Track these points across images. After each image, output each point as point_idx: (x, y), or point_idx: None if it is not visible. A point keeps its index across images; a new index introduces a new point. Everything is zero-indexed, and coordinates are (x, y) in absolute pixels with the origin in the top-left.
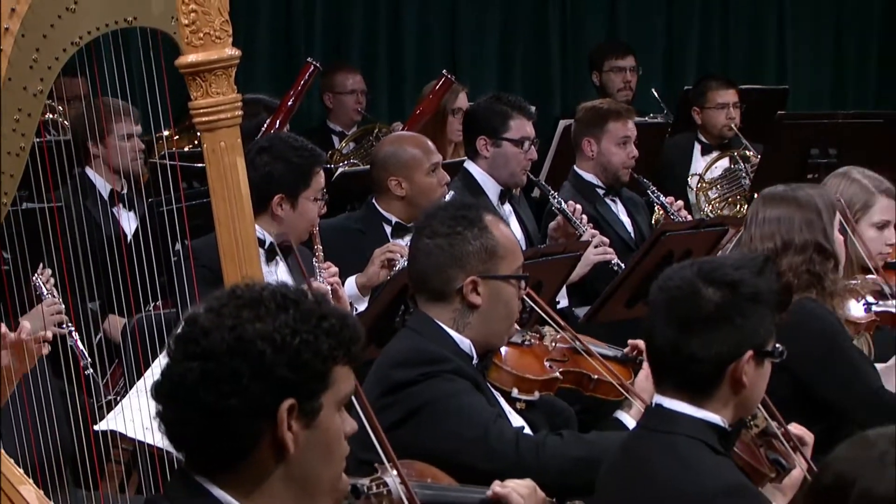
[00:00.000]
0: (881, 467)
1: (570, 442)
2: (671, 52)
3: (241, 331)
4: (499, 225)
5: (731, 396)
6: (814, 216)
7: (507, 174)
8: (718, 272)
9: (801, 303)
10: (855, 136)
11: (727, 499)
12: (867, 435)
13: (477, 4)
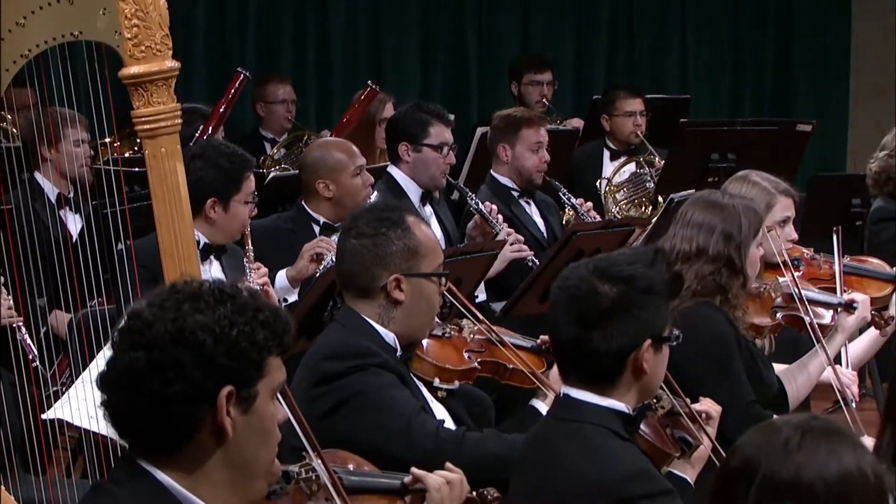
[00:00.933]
0: (785, 453)
1: (490, 439)
2: (580, 64)
3: (183, 322)
4: (420, 225)
5: (634, 383)
6: (734, 230)
7: (428, 178)
8: (613, 269)
9: (699, 308)
10: (752, 142)
11: (629, 484)
12: (774, 422)
13: (399, 20)
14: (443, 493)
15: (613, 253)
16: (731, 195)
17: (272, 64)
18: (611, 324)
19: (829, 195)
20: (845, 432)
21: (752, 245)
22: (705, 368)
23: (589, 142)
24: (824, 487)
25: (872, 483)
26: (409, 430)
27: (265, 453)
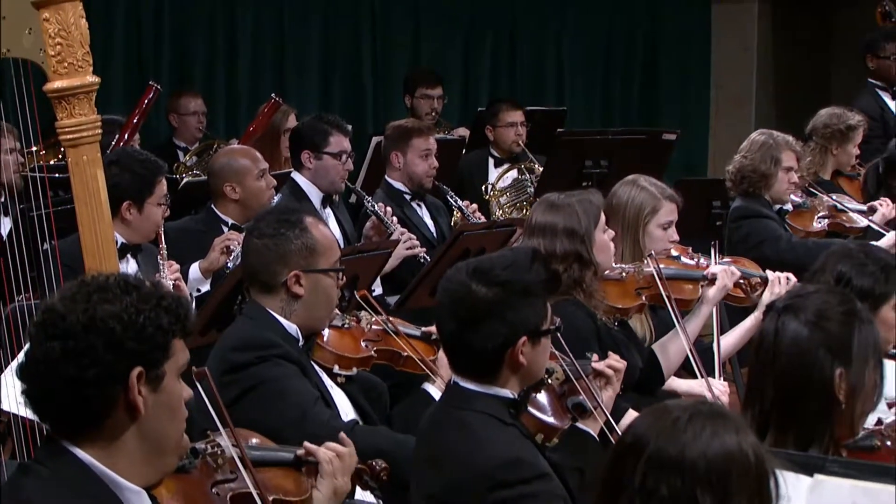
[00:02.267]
0: (673, 432)
1: (379, 434)
2: (467, 79)
3: (93, 312)
4: (318, 226)
5: (513, 374)
6: (575, 226)
7: (328, 183)
8: (490, 273)
9: (559, 306)
10: (622, 150)
11: (505, 470)
12: (667, 404)
13: (301, 38)
14: (334, 464)
15: (494, 255)
16: (565, 196)
17: (184, 79)
18: (484, 324)
19: (693, 198)
20: (730, 415)
21: (597, 233)
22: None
23: (474, 150)
24: (706, 465)
25: (752, 463)
26: (303, 419)
27: (174, 428)
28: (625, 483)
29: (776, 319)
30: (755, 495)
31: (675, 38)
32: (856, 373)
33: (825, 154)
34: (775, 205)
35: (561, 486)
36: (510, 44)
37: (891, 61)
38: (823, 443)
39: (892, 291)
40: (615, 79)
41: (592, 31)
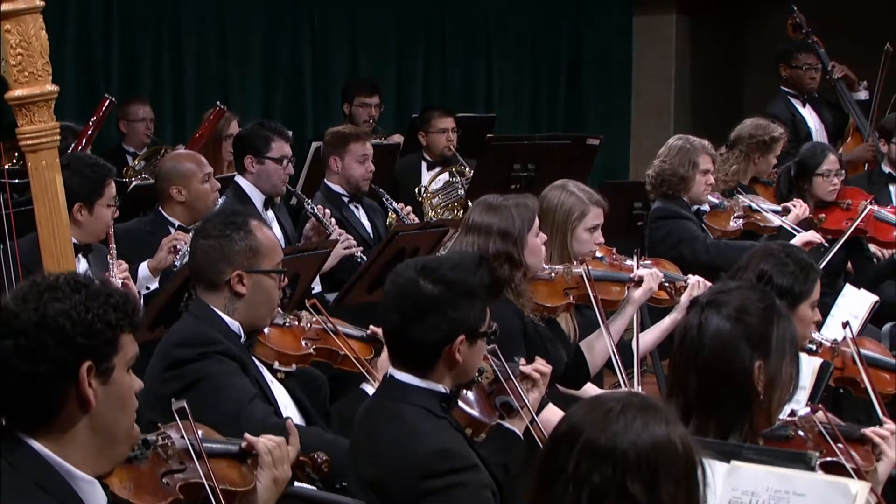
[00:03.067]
0: (605, 422)
1: (310, 434)
2: (400, 87)
3: (44, 310)
4: (262, 228)
5: (448, 371)
6: (509, 227)
7: (270, 186)
8: (438, 271)
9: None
10: (549, 154)
11: (435, 460)
12: (601, 395)
13: (244, 48)
14: (273, 455)
15: (443, 256)
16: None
17: (133, 87)
18: (427, 318)
19: (615, 199)
20: (660, 407)
21: (530, 236)
22: None
23: (408, 154)
24: (636, 454)
25: (680, 452)
26: (238, 415)
27: (124, 419)
28: (559, 470)
29: (700, 314)
30: (682, 483)
31: (598, 48)
32: (774, 365)
33: (747, 162)
34: (693, 205)
35: (489, 476)
36: (442, 55)
37: (802, 70)
38: (742, 431)
39: (810, 290)
40: (542, 87)
41: (519, 42)
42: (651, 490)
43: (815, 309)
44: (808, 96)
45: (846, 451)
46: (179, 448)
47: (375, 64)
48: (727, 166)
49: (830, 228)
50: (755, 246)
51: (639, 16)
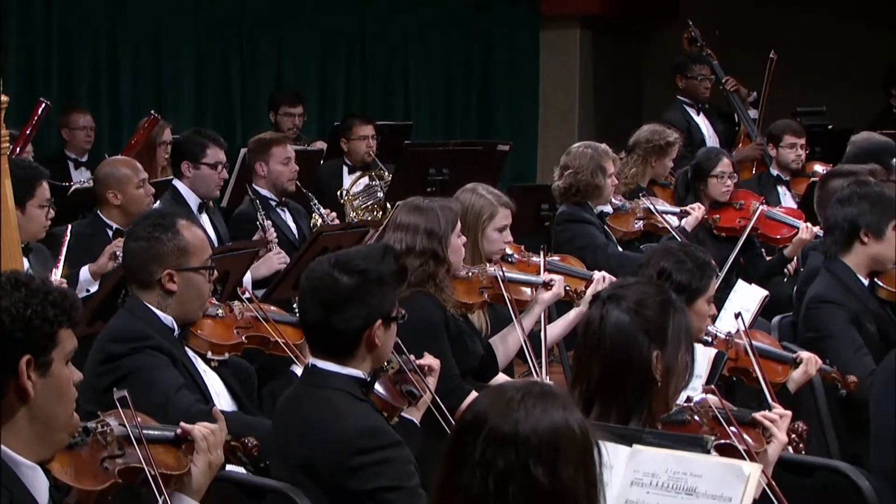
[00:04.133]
0: (507, 410)
1: (233, 420)
2: (323, 96)
3: None
4: (189, 228)
5: (368, 354)
6: (435, 227)
7: (205, 190)
8: (350, 263)
9: (413, 297)
10: (462, 159)
11: (364, 438)
12: (503, 385)
13: (176, 61)
14: (208, 440)
15: (351, 250)
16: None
17: (72, 96)
18: (348, 308)
19: (523, 201)
20: (558, 394)
21: (453, 237)
22: (420, 349)
23: (331, 160)
24: (537, 439)
25: (578, 436)
26: (166, 405)
27: (63, 409)
28: (466, 457)
29: (601, 308)
30: (581, 464)
31: (507, 60)
32: (670, 355)
33: (645, 165)
34: (597, 207)
35: (410, 453)
36: (362, 66)
37: (697, 81)
38: (642, 417)
39: (706, 286)
40: (455, 96)
41: (434, 53)
42: (552, 472)
43: (711, 303)
44: (703, 105)
45: (739, 435)
46: (118, 435)
47: (300, 76)
48: (627, 170)
49: (724, 227)
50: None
51: (545, 31)
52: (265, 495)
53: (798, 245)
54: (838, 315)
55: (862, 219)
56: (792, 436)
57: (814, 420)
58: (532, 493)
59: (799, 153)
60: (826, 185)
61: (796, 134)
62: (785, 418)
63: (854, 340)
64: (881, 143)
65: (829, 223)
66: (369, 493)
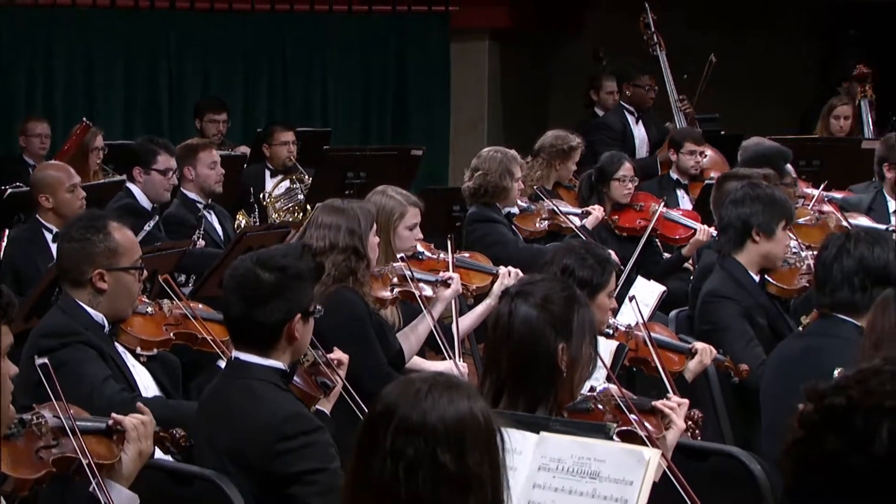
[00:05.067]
0: (415, 401)
1: (156, 405)
2: (247, 103)
3: None
4: (120, 229)
5: (288, 347)
6: (355, 226)
7: (155, 194)
8: (271, 261)
9: (339, 292)
10: (378, 164)
11: (289, 423)
12: (410, 377)
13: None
14: (139, 430)
15: (271, 248)
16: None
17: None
18: (269, 303)
19: (436, 203)
20: (463, 384)
21: (370, 235)
22: (350, 341)
23: (254, 164)
24: (444, 428)
25: (483, 424)
26: (92, 395)
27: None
28: (377, 445)
29: (510, 303)
30: (486, 451)
31: (420, 69)
32: (575, 347)
33: (550, 168)
34: (504, 208)
35: (330, 437)
36: (283, 75)
37: (644, 90)
38: (548, 405)
39: (607, 281)
40: (372, 103)
41: (351, 64)
42: (459, 459)
43: (612, 298)
44: (642, 113)
45: (640, 422)
46: (52, 426)
47: (224, 85)
48: (533, 173)
49: (625, 227)
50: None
51: (455, 43)
52: (192, 482)
53: (695, 245)
54: (731, 309)
55: (754, 219)
56: (689, 423)
57: (709, 407)
58: (440, 479)
59: (698, 160)
60: (722, 186)
61: (696, 142)
62: (682, 406)
63: (746, 332)
64: (775, 148)
65: (723, 223)
66: (295, 476)
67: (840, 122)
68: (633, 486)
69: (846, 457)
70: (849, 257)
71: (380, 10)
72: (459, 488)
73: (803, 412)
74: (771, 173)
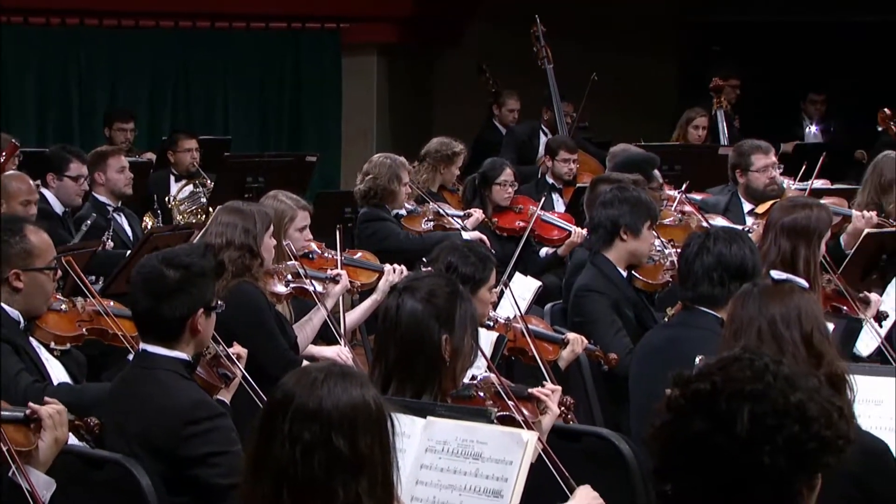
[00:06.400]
0: (311, 388)
1: (62, 392)
2: (152, 113)
3: None
4: (35, 232)
5: (191, 339)
6: (251, 226)
7: (67, 199)
8: (176, 259)
9: (240, 286)
10: (275, 169)
11: (194, 409)
12: (307, 366)
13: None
14: (55, 419)
15: (176, 248)
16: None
17: None
18: (174, 298)
19: (329, 206)
20: (356, 373)
21: (266, 236)
22: (253, 331)
23: (160, 170)
24: (338, 414)
25: (374, 410)
26: (8, 386)
27: None
28: (276, 430)
29: (398, 297)
30: (377, 435)
31: (314, 82)
32: (458, 338)
33: (434, 172)
34: (393, 211)
35: (231, 423)
36: (186, 87)
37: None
38: (433, 392)
39: (487, 277)
40: (269, 113)
41: (250, 76)
42: (352, 442)
43: (492, 292)
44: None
45: (517, 407)
46: None
47: (132, 96)
48: (419, 177)
49: (505, 227)
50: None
51: (346, 57)
52: (104, 465)
53: (570, 246)
54: (601, 302)
55: (622, 219)
56: (562, 408)
57: (581, 393)
58: (335, 461)
59: (571, 167)
60: (594, 189)
61: (569, 150)
62: (556, 392)
63: (614, 323)
64: (643, 155)
65: (594, 222)
66: (200, 458)
67: (699, 132)
68: (513, 466)
69: (710, 437)
70: (709, 254)
71: (276, 27)
72: (352, 470)
73: (671, 397)
74: (639, 178)
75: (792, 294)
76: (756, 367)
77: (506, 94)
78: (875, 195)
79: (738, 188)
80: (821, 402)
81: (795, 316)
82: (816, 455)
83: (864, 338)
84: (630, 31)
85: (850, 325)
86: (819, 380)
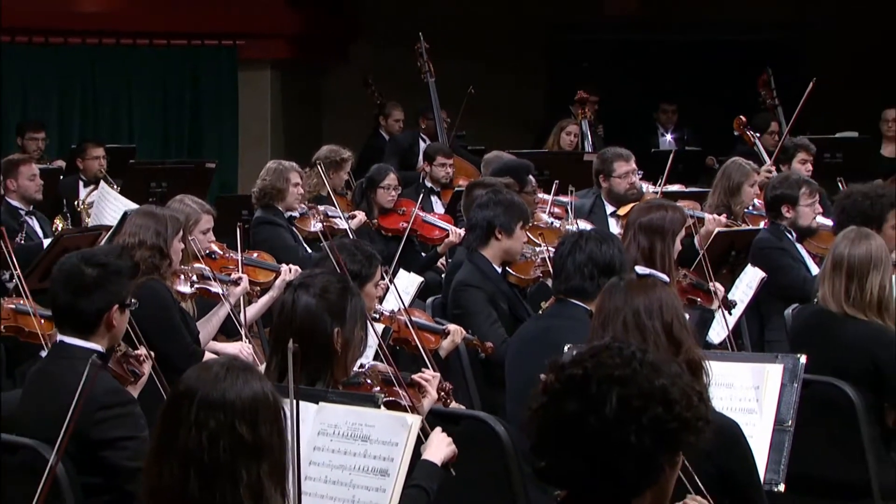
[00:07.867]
0: (215, 381)
1: None
2: (62, 123)
3: None
4: None
5: (107, 333)
6: (162, 229)
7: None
8: (94, 258)
9: (149, 283)
10: (177, 175)
11: (107, 395)
12: (208, 361)
13: None
14: None
15: (95, 248)
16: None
17: None
18: (92, 293)
19: (227, 208)
20: (254, 369)
21: (175, 239)
22: (159, 324)
23: (69, 176)
24: (241, 404)
25: (271, 400)
26: None
27: None
28: (182, 418)
29: (293, 293)
30: (274, 422)
31: (213, 93)
32: (348, 331)
33: (324, 177)
34: (287, 213)
35: (141, 411)
36: (94, 99)
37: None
38: (326, 380)
39: (372, 273)
40: (171, 123)
41: (153, 89)
42: (254, 429)
43: (378, 287)
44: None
45: (402, 393)
46: None
47: (42, 107)
48: (310, 181)
49: (389, 228)
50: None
51: (242, 71)
52: (17, 451)
53: (448, 245)
54: (478, 296)
55: (497, 220)
56: (441, 392)
57: (460, 379)
58: (238, 446)
59: (447, 171)
60: (471, 192)
61: (446, 155)
62: (435, 378)
63: (490, 315)
64: (518, 161)
65: (471, 223)
66: (110, 441)
67: (570, 138)
68: (399, 447)
69: (582, 418)
70: (581, 252)
71: (177, 44)
72: (254, 454)
73: (546, 381)
74: (511, 182)
75: (654, 287)
76: (624, 355)
77: (390, 105)
78: (724, 197)
79: (601, 192)
80: (682, 387)
81: (657, 307)
82: (678, 434)
83: (715, 327)
84: (502, 49)
85: (704, 315)
86: (680, 366)
